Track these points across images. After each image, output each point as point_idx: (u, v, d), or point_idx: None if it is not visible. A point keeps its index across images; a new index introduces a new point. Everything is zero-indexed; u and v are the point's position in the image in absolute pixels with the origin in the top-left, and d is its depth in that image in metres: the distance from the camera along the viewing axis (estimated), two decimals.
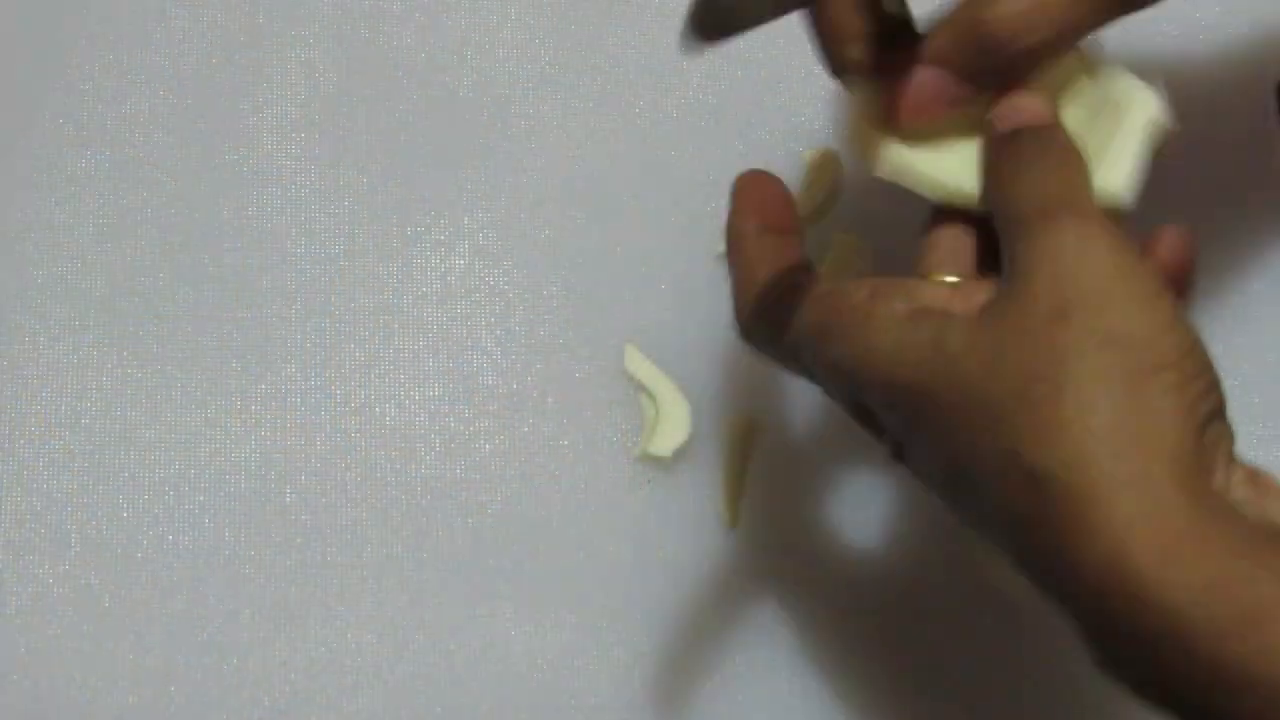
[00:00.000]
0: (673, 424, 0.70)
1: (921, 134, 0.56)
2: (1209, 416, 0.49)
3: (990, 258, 0.55)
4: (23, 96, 0.74)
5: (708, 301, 0.72)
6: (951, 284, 0.53)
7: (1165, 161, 0.57)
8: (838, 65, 0.56)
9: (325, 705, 0.68)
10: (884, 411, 0.52)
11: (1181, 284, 0.53)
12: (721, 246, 0.72)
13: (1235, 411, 0.71)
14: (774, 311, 0.55)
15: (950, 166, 0.56)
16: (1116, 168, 0.55)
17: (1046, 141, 0.53)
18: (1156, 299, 0.49)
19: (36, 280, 0.72)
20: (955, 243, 0.55)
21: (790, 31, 0.75)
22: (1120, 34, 0.57)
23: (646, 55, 0.75)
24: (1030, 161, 0.53)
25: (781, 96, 0.74)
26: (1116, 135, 0.55)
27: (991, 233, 0.54)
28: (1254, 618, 0.44)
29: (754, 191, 0.58)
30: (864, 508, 0.70)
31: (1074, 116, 0.56)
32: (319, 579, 0.69)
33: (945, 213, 0.56)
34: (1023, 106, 0.54)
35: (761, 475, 0.70)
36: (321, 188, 0.73)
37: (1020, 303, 0.49)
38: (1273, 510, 0.49)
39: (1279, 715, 0.44)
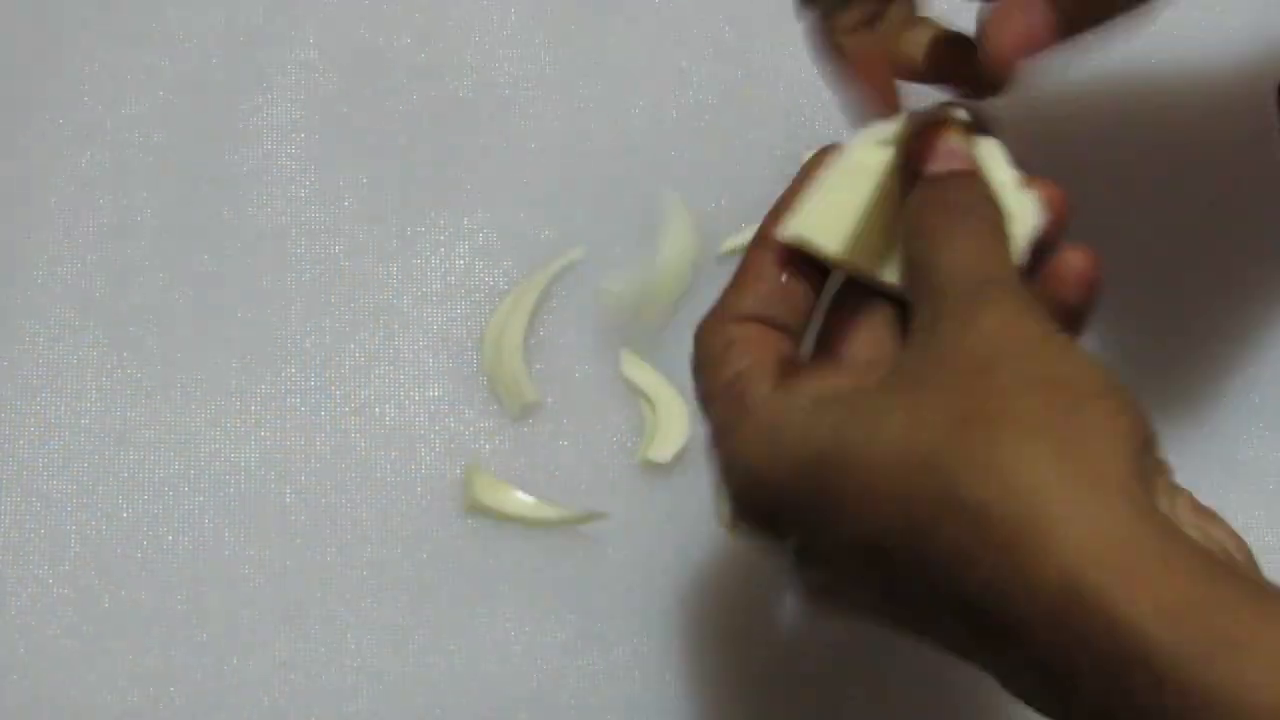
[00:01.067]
0: (672, 430, 0.70)
1: (829, 207, 0.55)
2: (1145, 445, 0.47)
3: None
4: (23, 96, 0.74)
5: (708, 301, 0.72)
6: (862, 366, 0.52)
7: (1167, 168, 0.57)
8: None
9: (325, 705, 0.68)
10: (785, 509, 0.50)
11: (1087, 303, 0.53)
12: (723, 246, 0.72)
13: (1236, 409, 0.71)
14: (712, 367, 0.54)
15: (860, 242, 0.54)
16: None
17: (972, 193, 0.52)
18: (1085, 356, 0.48)
19: (36, 280, 0.72)
20: (876, 332, 0.54)
21: (790, 32, 0.75)
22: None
23: (646, 55, 0.75)
24: (961, 216, 0.51)
25: (781, 96, 0.74)
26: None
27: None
28: (1227, 642, 0.43)
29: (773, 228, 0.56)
30: None
31: None
32: (319, 579, 0.69)
33: (852, 287, 0.55)
34: (952, 150, 0.53)
35: None
36: (321, 188, 0.73)
37: (940, 363, 0.48)
38: (1218, 537, 0.49)
39: None
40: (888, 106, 0.56)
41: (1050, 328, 0.49)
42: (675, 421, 0.70)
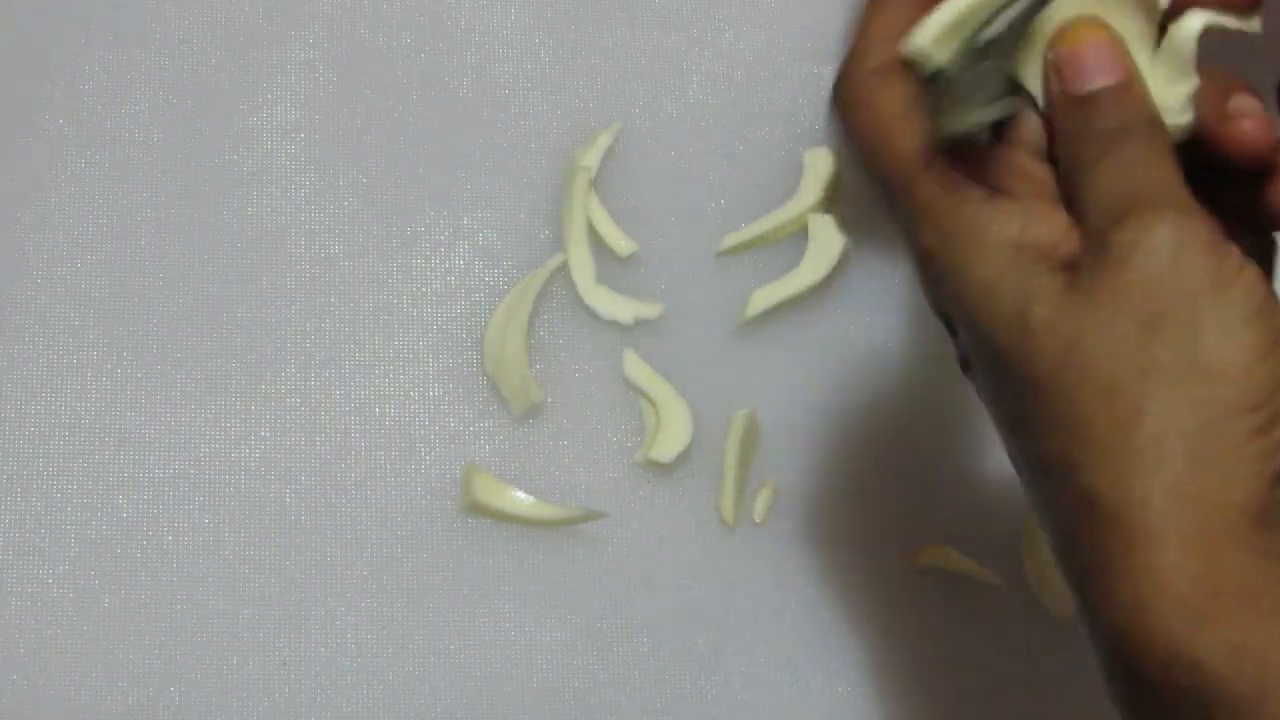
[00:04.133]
0: (674, 430, 0.70)
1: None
2: None
3: None
4: (23, 97, 0.74)
5: (708, 301, 0.72)
6: (1067, 216, 0.48)
7: None
8: None
9: (325, 705, 0.68)
10: (961, 331, 0.49)
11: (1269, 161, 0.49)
12: (722, 246, 0.72)
13: None
14: (880, 119, 0.50)
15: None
16: (1171, 89, 0.50)
17: (1129, 117, 0.48)
18: (1254, 318, 0.46)
19: (36, 280, 0.72)
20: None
21: (789, 31, 0.75)
22: None
23: (646, 55, 0.75)
24: (1112, 143, 0.48)
25: (781, 96, 0.74)
26: (1164, 50, 0.50)
27: None
28: None
29: None
30: (863, 507, 0.70)
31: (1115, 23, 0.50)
32: (319, 579, 0.69)
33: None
34: (1094, 61, 0.49)
35: (761, 475, 0.70)
36: (321, 188, 0.73)
37: (1111, 292, 0.46)
38: None
39: None
40: None
41: (1229, 262, 0.46)
42: (677, 421, 0.70)
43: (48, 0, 0.75)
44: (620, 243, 0.72)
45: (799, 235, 0.72)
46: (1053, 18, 0.50)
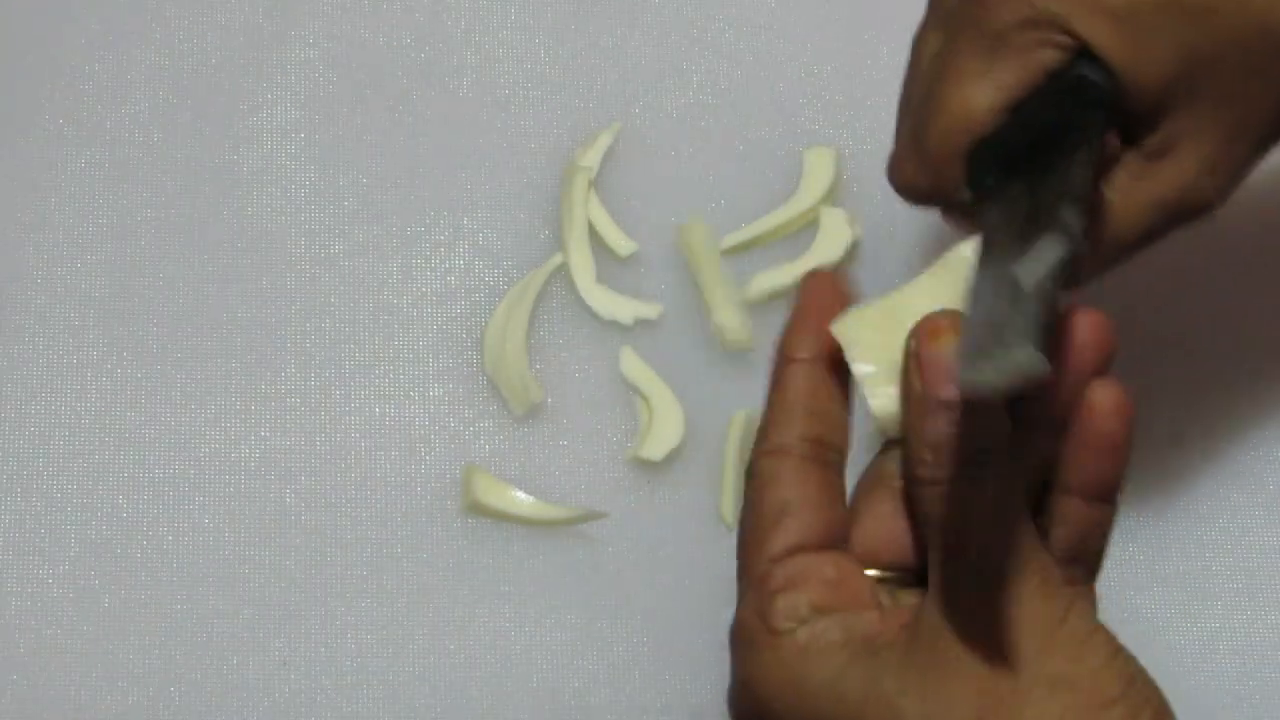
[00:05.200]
0: (665, 428, 0.70)
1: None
2: None
3: None
4: (23, 96, 0.74)
5: (707, 301, 0.72)
6: (879, 609, 0.49)
7: None
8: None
9: (325, 705, 0.68)
10: None
11: (1104, 366, 0.49)
12: (721, 245, 0.72)
13: (1236, 409, 0.71)
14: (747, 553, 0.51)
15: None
16: None
17: (987, 439, 0.47)
18: (1092, 636, 0.47)
19: (36, 280, 0.72)
20: (888, 523, 0.50)
21: (789, 31, 0.75)
22: None
23: (646, 55, 0.75)
24: (966, 489, 0.47)
25: (781, 96, 0.74)
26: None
27: None
28: None
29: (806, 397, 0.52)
30: None
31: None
32: (319, 579, 0.69)
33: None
34: (936, 368, 0.46)
35: None
36: (321, 188, 0.73)
37: (957, 644, 0.47)
38: None
39: None
40: None
41: (1061, 600, 0.47)
42: (669, 420, 0.70)
43: (48, 0, 0.75)
44: (620, 243, 0.72)
45: (799, 235, 0.72)
46: (909, 304, 0.48)
